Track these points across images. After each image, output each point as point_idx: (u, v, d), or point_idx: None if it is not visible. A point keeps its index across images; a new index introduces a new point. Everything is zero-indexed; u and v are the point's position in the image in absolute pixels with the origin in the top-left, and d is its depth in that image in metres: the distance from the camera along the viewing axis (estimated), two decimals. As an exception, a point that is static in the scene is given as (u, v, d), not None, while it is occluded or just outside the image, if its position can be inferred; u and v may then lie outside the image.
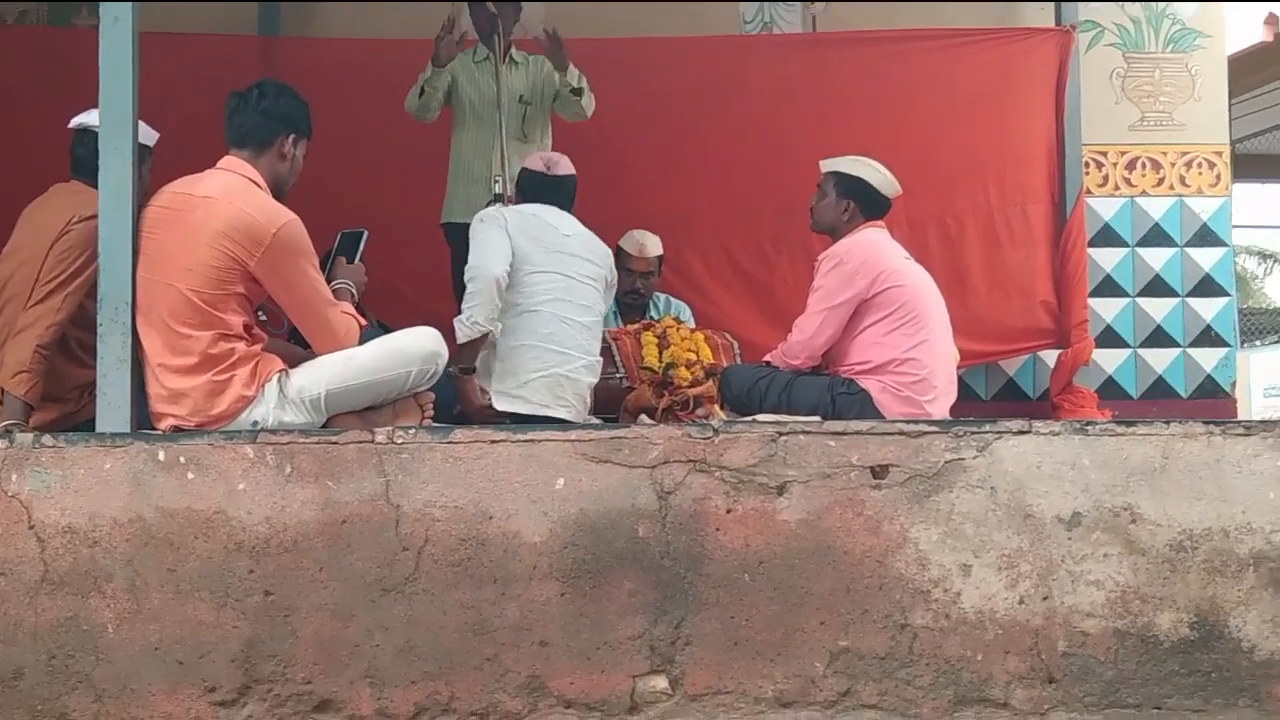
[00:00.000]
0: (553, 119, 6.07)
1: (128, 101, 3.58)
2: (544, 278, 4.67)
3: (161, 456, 3.24)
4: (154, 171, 4.28)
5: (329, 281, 4.00)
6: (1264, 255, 18.00)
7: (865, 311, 4.74)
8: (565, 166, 5.01)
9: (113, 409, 3.50)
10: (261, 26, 6.86)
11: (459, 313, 4.61)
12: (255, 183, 3.83)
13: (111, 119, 3.59)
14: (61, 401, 4.18)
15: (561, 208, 4.91)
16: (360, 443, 3.27)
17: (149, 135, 4.26)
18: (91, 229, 3.82)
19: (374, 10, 6.81)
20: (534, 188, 4.98)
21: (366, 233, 4.33)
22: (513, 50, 5.98)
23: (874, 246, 4.83)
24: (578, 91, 5.84)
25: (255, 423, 3.62)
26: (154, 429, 3.60)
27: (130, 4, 3.57)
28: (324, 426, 3.69)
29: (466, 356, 4.60)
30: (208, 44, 6.54)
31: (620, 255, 5.81)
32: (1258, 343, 14.53)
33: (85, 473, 3.25)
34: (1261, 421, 3.53)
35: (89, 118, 4.13)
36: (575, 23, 6.28)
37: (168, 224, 3.72)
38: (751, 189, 6.67)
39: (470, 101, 5.93)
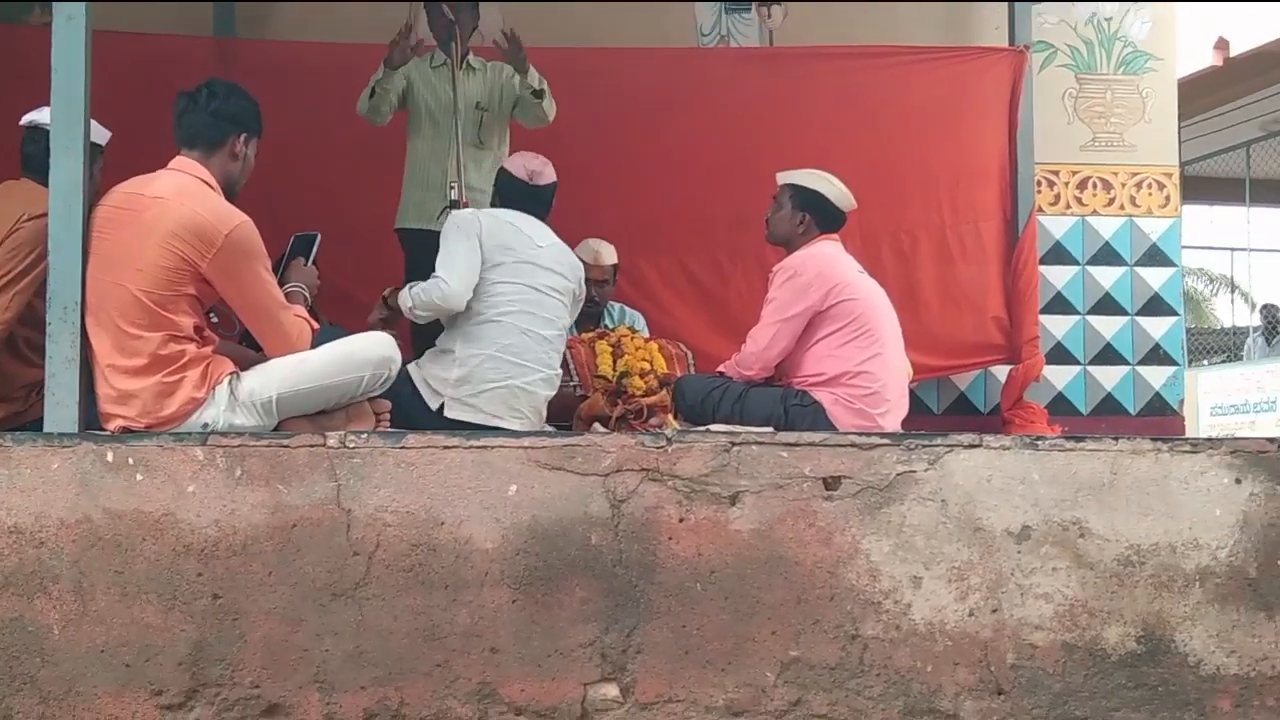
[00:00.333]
0: (511, 126, 6.07)
1: (80, 100, 3.55)
2: (510, 288, 4.65)
3: (110, 457, 3.20)
4: (106, 171, 4.24)
5: (281, 284, 3.97)
6: (1211, 277, 18.21)
7: (819, 324, 4.77)
8: (548, 175, 4.96)
9: (60, 409, 3.47)
10: (217, 27, 6.82)
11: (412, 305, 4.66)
12: (207, 183, 3.80)
13: (63, 117, 3.56)
14: (9, 401, 4.14)
15: (539, 217, 4.88)
16: (312, 446, 3.24)
17: (101, 134, 4.22)
18: (41, 227, 3.78)
19: (329, 13, 6.78)
20: (513, 194, 4.93)
21: (320, 236, 4.31)
22: (470, 56, 5.97)
23: (828, 259, 4.86)
24: (539, 94, 5.83)
25: (205, 425, 3.59)
26: (103, 430, 3.56)
27: (83, 3, 3.54)
28: (275, 430, 3.66)
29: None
30: (162, 43, 6.49)
31: (575, 264, 5.81)
32: (1205, 362, 14.71)
33: (32, 472, 3.20)
34: (1209, 439, 3.56)
35: (40, 115, 4.09)
36: (533, 31, 6.28)
37: (119, 224, 3.69)
38: (707, 200, 6.69)
39: (427, 107, 5.92)
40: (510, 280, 4.64)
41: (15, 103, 4.41)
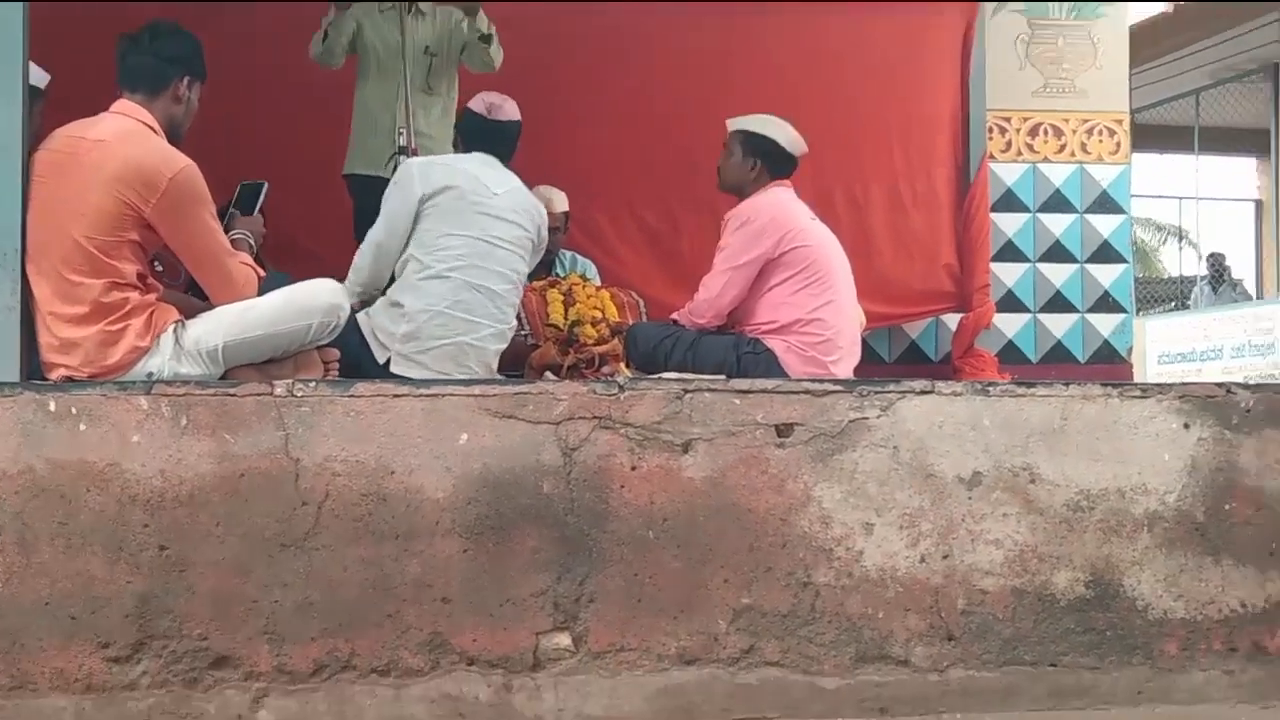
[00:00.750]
0: (459, 73, 5.99)
1: (17, 42, 3.49)
2: (458, 241, 4.50)
3: (52, 407, 3.14)
4: (46, 115, 4.15)
5: (227, 232, 3.91)
6: (1160, 226, 18.34)
7: (771, 271, 4.75)
8: (509, 112, 4.79)
9: (2, 358, 3.41)
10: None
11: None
12: (150, 127, 3.73)
13: (0, 60, 3.47)
14: None
15: (501, 157, 4.73)
16: (259, 395, 3.20)
17: (40, 77, 4.12)
18: None
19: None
20: (474, 131, 4.78)
21: (267, 185, 4.25)
22: (419, 1, 5.89)
23: (781, 206, 4.84)
24: (486, 38, 5.76)
25: (150, 374, 3.54)
26: (45, 380, 3.51)
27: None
28: (222, 379, 3.61)
29: None
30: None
31: (524, 211, 5.75)
32: (1154, 311, 14.84)
33: (-29, 423, 3.14)
34: (1158, 385, 3.59)
35: None
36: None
37: (60, 169, 3.61)
38: (659, 148, 6.64)
39: (375, 51, 5.84)
40: (460, 233, 4.50)
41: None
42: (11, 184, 3.49)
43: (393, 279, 4.61)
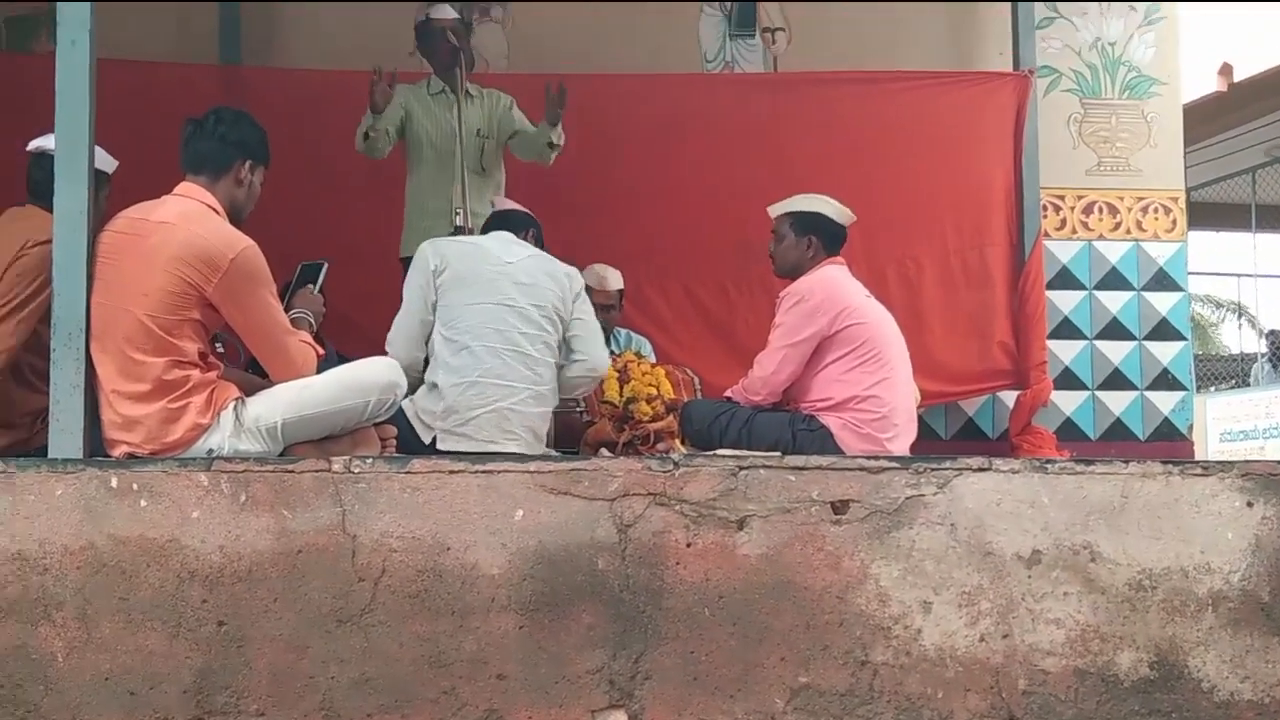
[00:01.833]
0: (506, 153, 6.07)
1: (84, 126, 3.56)
2: (479, 309, 4.55)
3: (114, 483, 3.18)
4: (111, 198, 4.24)
5: (287, 310, 3.96)
6: (1219, 303, 18.18)
7: (827, 348, 4.75)
8: (512, 205, 5.08)
9: (66, 435, 3.46)
10: (222, 55, 6.83)
11: None
12: (213, 208, 3.80)
13: (67, 143, 3.56)
14: (14, 428, 4.12)
15: (513, 233, 4.83)
16: (317, 471, 3.22)
17: (108, 162, 4.22)
18: (46, 253, 3.79)
19: (332, 41, 6.81)
20: (487, 224, 5.03)
21: (327, 264, 4.31)
22: (468, 83, 5.97)
23: (835, 283, 4.85)
24: (553, 146, 5.85)
25: (210, 451, 3.58)
26: (108, 456, 3.55)
27: (88, 28, 3.54)
28: (281, 456, 3.65)
29: None
30: (168, 72, 6.50)
31: (581, 289, 5.80)
32: (1213, 389, 14.67)
33: (36, 499, 3.18)
34: (1219, 462, 3.54)
35: (46, 141, 4.10)
36: (538, 57, 6.31)
37: (124, 249, 3.68)
38: (712, 226, 6.69)
39: (427, 135, 5.91)
40: (481, 302, 4.56)
41: (22, 130, 4.41)
42: (77, 265, 3.55)
43: (429, 362, 4.65)
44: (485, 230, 4.99)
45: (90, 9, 3.54)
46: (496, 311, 4.57)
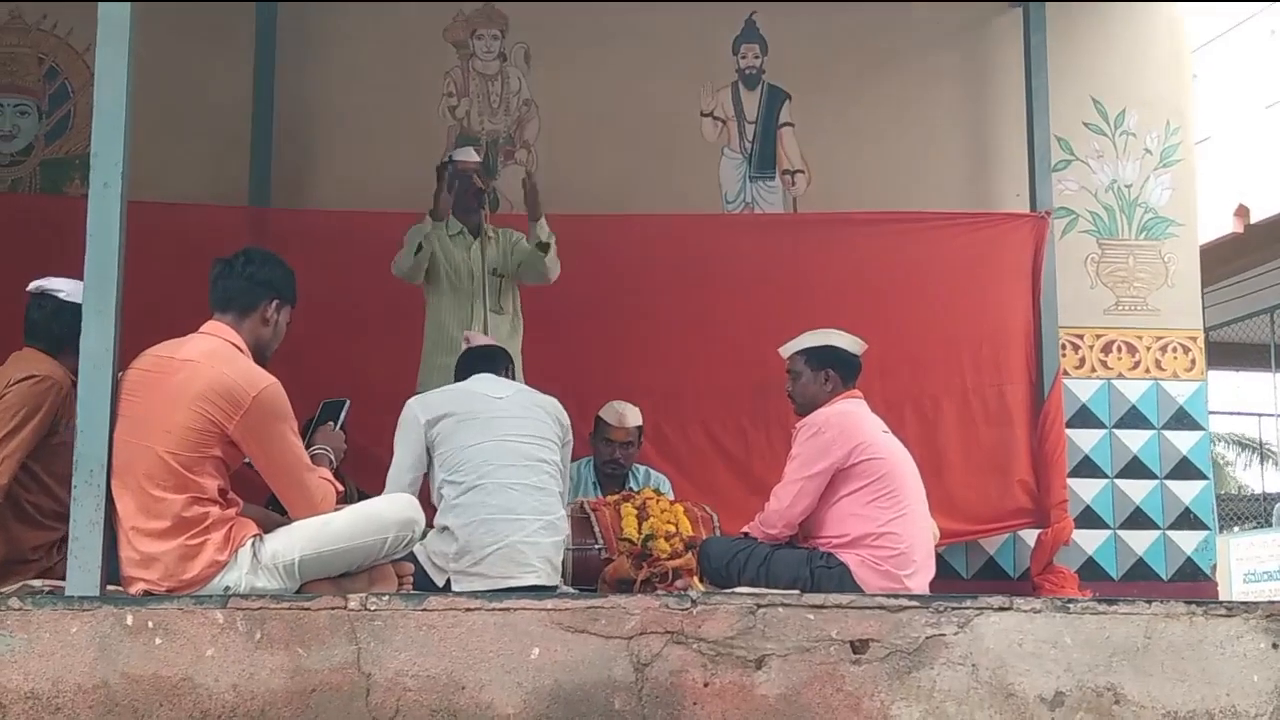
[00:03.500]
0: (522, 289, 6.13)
1: (113, 266, 3.59)
2: (480, 450, 4.57)
3: (129, 621, 3.18)
4: (140, 336, 4.29)
5: (308, 447, 3.98)
6: (1241, 443, 18.08)
7: (842, 481, 4.75)
8: (480, 340, 5.13)
9: (83, 572, 3.45)
10: (252, 197, 6.96)
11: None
12: (237, 347, 3.84)
13: (96, 281, 3.59)
14: (27, 564, 4.12)
15: (495, 373, 4.88)
16: (332, 609, 3.21)
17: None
18: (26, 389, 3.95)
19: (360, 186, 6.95)
20: (462, 366, 5.02)
21: (349, 403, 4.34)
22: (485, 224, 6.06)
23: (852, 417, 4.86)
24: (544, 247, 5.87)
25: (227, 588, 3.56)
26: (123, 592, 3.54)
27: (120, 170, 3.61)
28: (298, 593, 3.64)
29: None
30: (198, 214, 6.63)
31: (600, 425, 5.82)
32: (1236, 529, 14.52)
33: (51, 636, 3.18)
34: (1243, 603, 3.50)
35: (47, 282, 4.19)
36: (561, 199, 6.41)
37: (147, 386, 3.71)
38: (732, 365, 6.73)
39: (446, 274, 5.99)
40: (478, 443, 4.58)
41: (55, 270, 4.47)
42: (101, 402, 3.57)
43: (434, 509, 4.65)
44: (461, 369, 5.00)
45: (124, 152, 3.61)
46: (498, 448, 4.59)
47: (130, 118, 3.62)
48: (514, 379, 4.95)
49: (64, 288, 4.21)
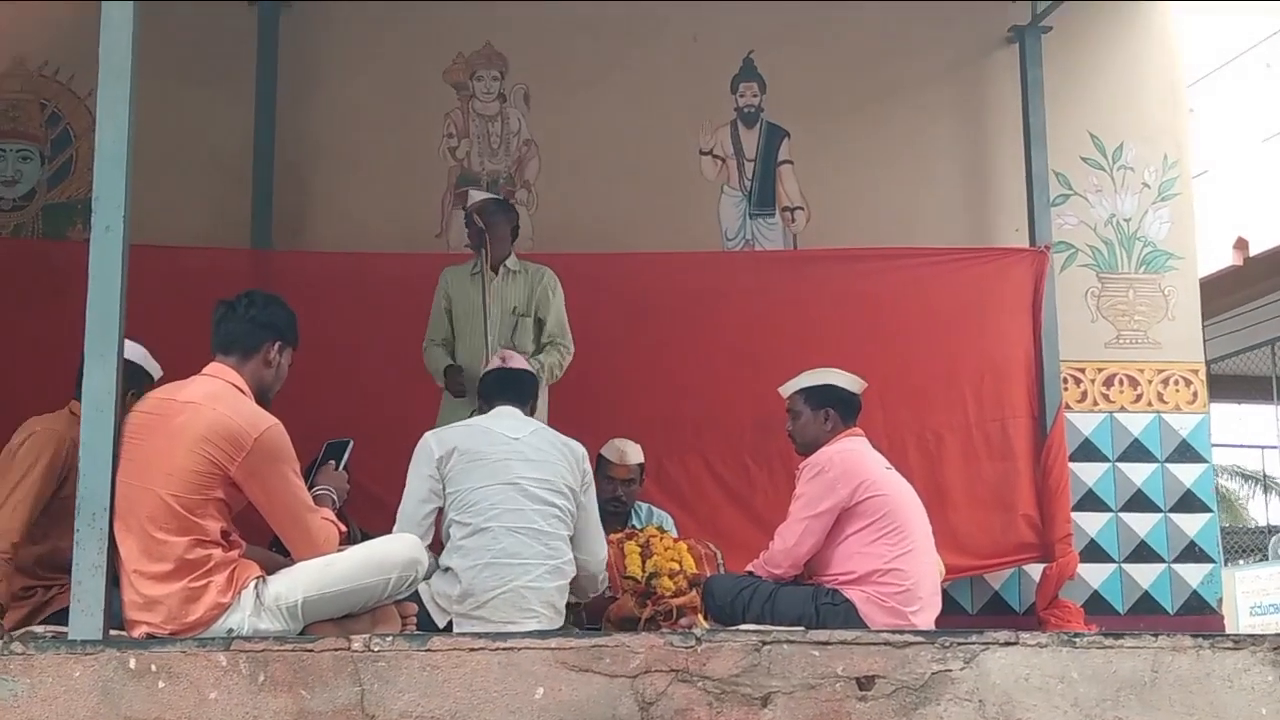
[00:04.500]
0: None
1: (115, 309, 3.58)
2: (488, 491, 4.52)
3: (132, 664, 3.16)
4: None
5: (310, 488, 3.98)
6: (1245, 475, 18.06)
7: (847, 520, 4.74)
8: (517, 361, 5.03)
9: (86, 616, 3.43)
10: (253, 237, 6.98)
11: None
12: (239, 389, 3.83)
13: (98, 325, 3.58)
14: (24, 599, 4.17)
15: (518, 404, 4.81)
16: (336, 650, 3.20)
17: (154, 369, 4.35)
18: (39, 439, 4.07)
19: (362, 226, 6.97)
20: (489, 386, 4.92)
21: (352, 443, 4.33)
22: (510, 259, 6.05)
23: (855, 455, 4.86)
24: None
25: (230, 630, 3.55)
26: (126, 635, 3.53)
27: (122, 213, 3.61)
28: (301, 634, 3.62)
29: None
30: (199, 257, 6.65)
31: (601, 463, 5.81)
32: (1241, 562, 14.48)
33: (54, 681, 3.16)
34: (1250, 636, 3.49)
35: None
36: (566, 238, 6.43)
37: (150, 429, 3.71)
38: (733, 402, 6.74)
39: (464, 313, 6.00)
40: (489, 483, 4.52)
41: (57, 316, 4.49)
42: (104, 446, 3.56)
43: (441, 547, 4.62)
44: (486, 390, 4.92)
45: (126, 194, 3.62)
46: (507, 492, 4.53)
47: (131, 160, 3.63)
48: (533, 413, 4.91)
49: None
